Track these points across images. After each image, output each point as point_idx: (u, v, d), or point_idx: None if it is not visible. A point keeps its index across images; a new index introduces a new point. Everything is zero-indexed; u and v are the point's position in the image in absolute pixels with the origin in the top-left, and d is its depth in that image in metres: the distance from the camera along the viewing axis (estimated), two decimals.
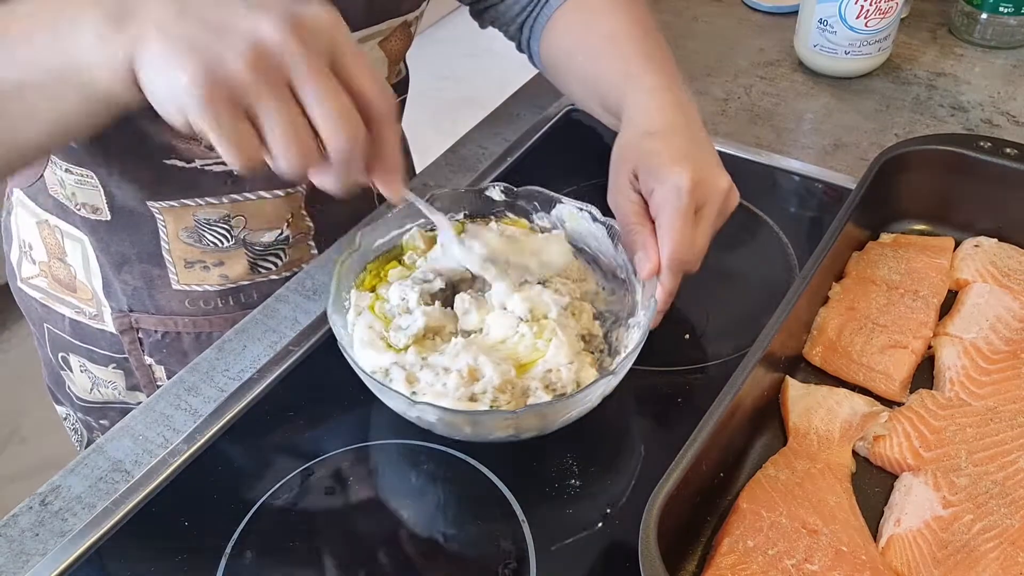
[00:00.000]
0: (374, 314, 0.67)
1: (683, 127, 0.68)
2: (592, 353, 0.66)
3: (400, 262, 0.71)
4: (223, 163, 0.63)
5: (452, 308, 0.67)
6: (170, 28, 0.46)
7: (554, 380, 0.62)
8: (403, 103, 0.89)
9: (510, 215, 0.74)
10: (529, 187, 0.72)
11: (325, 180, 0.50)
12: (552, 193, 0.73)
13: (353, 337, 0.65)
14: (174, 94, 0.46)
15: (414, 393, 0.60)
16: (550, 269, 0.69)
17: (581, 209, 0.71)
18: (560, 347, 0.63)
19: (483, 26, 0.90)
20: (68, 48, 0.49)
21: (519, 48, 0.90)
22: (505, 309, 0.66)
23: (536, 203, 0.73)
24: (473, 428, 0.60)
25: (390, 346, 0.64)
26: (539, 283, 0.68)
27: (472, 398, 0.60)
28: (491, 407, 0.59)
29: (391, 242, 0.72)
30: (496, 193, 0.73)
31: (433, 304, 0.66)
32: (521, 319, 0.65)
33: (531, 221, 0.74)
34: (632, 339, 0.65)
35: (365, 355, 0.64)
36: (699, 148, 0.67)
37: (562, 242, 0.71)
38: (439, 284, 0.68)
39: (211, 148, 0.51)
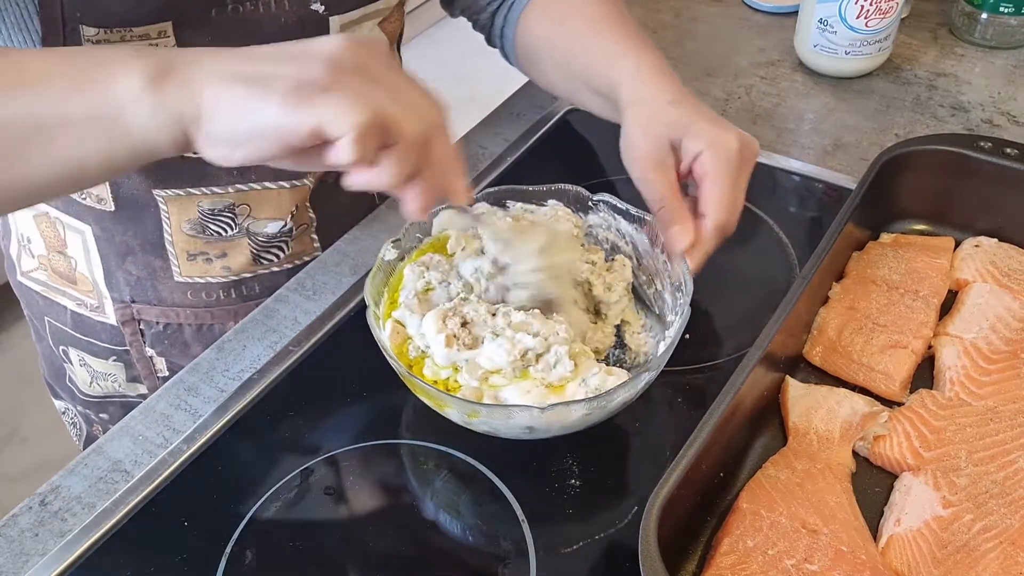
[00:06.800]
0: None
1: (693, 97, 0.69)
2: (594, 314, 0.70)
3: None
4: None
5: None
6: (239, 70, 0.48)
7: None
8: None
9: None
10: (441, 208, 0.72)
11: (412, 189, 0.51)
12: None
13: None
14: (276, 123, 0.46)
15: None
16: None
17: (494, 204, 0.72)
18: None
19: (453, 15, 0.91)
20: (104, 94, 0.48)
21: (489, 40, 0.90)
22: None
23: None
24: (600, 409, 0.61)
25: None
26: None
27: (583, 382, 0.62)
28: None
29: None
30: None
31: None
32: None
33: None
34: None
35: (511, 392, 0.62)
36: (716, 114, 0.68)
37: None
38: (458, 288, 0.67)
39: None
